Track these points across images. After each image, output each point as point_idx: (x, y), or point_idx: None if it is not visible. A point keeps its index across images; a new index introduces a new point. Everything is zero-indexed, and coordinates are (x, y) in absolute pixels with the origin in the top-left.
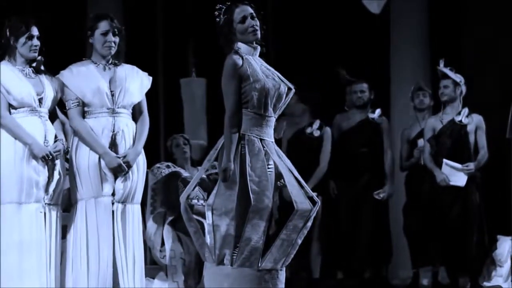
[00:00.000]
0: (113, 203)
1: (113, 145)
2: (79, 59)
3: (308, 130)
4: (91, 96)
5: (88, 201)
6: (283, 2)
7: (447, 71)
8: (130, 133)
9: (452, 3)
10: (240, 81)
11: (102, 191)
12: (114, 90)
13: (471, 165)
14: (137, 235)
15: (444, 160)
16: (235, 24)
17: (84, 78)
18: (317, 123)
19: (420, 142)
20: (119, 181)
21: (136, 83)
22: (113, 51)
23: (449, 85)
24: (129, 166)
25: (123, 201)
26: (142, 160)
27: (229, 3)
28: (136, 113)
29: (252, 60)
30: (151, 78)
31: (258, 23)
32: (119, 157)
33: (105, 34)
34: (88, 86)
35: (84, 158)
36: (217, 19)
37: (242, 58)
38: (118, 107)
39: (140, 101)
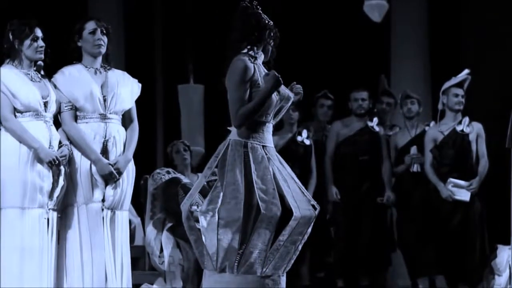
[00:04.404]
0: (102, 210)
1: (105, 152)
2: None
3: (299, 138)
4: (83, 101)
5: (80, 207)
6: (283, 12)
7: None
8: (121, 140)
9: (451, 14)
10: (250, 87)
11: (93, 197)
12: (106, 95)
13: (474, 183)
14: (125, 241)
15: (449, 179)
16: (267, 26)
17: (76, 82)
18: (305, 132)
19: (413, 149)
20: (109, 188)
21: (127, 89)
22: (103, 50)
23: (463, 94)
24: (120, 173)
25: (113, 208)
26: (131, 167)
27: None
28: (126, 120)
29: (258, 67)
30: (140, 85)
31: None
32: (110, 164)
33: (93, 32)
34: (81, 90)
35: (76, 164)
36: (249, 10)
37: (254, 64)
38: (109, 113)
39: (131, 108)
